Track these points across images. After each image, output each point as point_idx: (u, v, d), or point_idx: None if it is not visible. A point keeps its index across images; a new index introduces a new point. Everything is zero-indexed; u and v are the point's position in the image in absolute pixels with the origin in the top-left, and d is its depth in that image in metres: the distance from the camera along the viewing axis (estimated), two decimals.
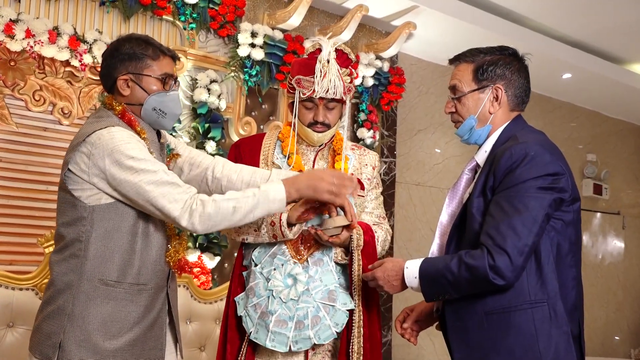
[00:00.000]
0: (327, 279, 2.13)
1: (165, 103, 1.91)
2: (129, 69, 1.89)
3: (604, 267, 6.66)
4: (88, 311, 1.78)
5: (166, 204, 1.77)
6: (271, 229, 2.08)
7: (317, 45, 2.19)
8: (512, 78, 1.90)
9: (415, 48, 4.90)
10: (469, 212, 1.82)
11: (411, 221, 5.02)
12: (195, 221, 1.78)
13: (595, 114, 6.71)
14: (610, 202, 6.78)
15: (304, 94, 2.17)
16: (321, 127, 2.21)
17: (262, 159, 2.26)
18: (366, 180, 2.31)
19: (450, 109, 1.96)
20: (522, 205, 1.69)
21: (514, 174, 1.72)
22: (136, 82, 1.89)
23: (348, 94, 2.22)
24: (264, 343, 2.07)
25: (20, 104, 3.20)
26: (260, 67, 3.93)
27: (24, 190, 3.19)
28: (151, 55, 1.90)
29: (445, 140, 5.30)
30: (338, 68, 2.18)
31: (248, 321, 2.13)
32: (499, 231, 1.69)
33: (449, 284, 1.75)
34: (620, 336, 6.73)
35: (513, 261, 1.67)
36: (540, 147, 1.76)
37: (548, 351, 1.70)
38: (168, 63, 1.94)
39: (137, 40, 1.92)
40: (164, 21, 3.67)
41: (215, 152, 3.68)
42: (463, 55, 1.96)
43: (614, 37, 5.23)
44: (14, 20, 3.05)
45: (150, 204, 1.78)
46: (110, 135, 1.78)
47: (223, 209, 1.79)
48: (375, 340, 2.17)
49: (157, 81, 1.90)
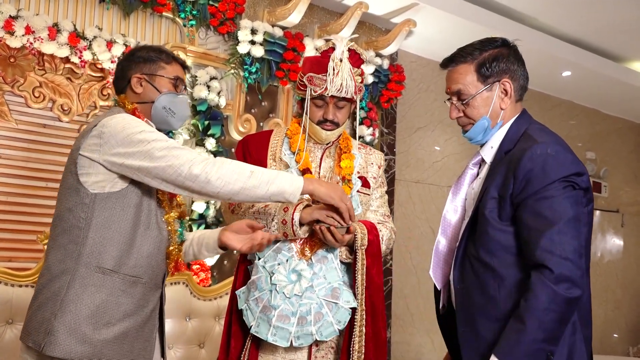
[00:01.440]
0: (331, 276, 2.13)
1: (175, 103, 2.01)
2: (143, 70, 2.00)
3: (602, 265, 6.67)
4: (81, 298, 1.79)
5: (176, 159, 1.76)
6: (282, 227, 2.10)
7: (331, 43, 2.20)
8: (515, 69, 1.85)
9: (415, 45, 4.90)
10: (480, 212, 1.78)
11: (410, 219, 5.02)
12: (209, 169, 1.76)
13: (594, 112, 6.71)
14: (609, 200, 6.79)
15: (315, 92, 2.17)
16: (330, 125, 2.22)
17: (270, 155, 2.27)
18: (372, 179, 2.32)
19: (458, 114, 1.89)
20: (562, 208, 1.65)
21: (539, 176, 1.67)
22: (149, 82, 1.99)
23: (358, 94, 2.23)
24: (265, 337, 2.08)
25: (20, 101, 3.19)
26: (260, 64, 3.92)
27: (24, 187, 3.19)
28: (164, 59, 2.03)
29: (444, 138, 5.30)
30: (350, 67, 2.19)
31: (249, 315, 2.13)
32: (553, 241, 1.62)
33: (544, 343, 1.61)
34: (618, 334, 6.74)
35: (578, 265, 1.62)
36: (560, 146, 1.72)
37: (562, 357, 1.67)
38: (179, 69, 2.06)
39: (151, 47, 2.07)
40: (163, 18, 3.66)
41: (215, 149, 3.68)
42: (457, 56, 1.88)
43: (614, 35, 5.23)
44: (14, 17, 3.04)
45: (161, 168, 1.77)
46: (122, 117, 1.86)
47: (240, 168, 1.81)
48: (379, 339, 2.18)
49: (169, 82, 2.01)
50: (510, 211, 1.73)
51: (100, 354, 1.79)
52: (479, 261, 1.77)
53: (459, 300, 1.85)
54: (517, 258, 1.73)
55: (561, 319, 1.62)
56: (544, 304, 1.60)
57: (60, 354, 1.75)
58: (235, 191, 1.80)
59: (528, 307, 1.62)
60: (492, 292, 1.74)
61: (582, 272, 1.63)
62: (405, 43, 4.70)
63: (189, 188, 1.79)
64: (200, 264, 3.58)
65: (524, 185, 1.69)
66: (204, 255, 2.15)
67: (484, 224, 1.76)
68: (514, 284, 1.71)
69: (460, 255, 1.84)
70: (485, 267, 1.76)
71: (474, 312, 1.77)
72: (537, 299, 1.61)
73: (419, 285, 4.99)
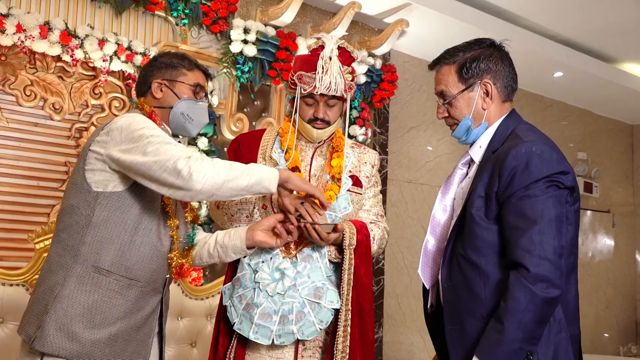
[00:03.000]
0: (315, 275, 2.13)
1: (193, 110, 2.02)
2: (165, 76, 2.02)
3: (594, 265, 6.71)
4: (75, 296, 1.79)
5: (164, 155, 1.75)
6: (264, 212, 2.14)
7: (320, 42, 2.20)
8: (497, 69, 1.86)
9: (407, 45, 4.91)
10: (467, 211, 1.79)
11: (403, 218, 5.03)
12: (193, 164, 1.74)
13: (586, 113, 6.75)
14: (601, 200, 6.82)
15: (305, 90, 2.17)
16: (321, 123, 2.22)
17: (260, 154, 2.28)
18: (364, 178, 2.32)
19: (443, 114, 1.92)
20: (544, 208, 1.65)
21: (523, 174, 1.68)
22: (169, 87, 2.01)
23: (349, 92, 2.23)
24: (247, 334, 2.08)
25: (11, 99, 3.18)
26: (253, 63, 3.92)
27: (15, 185, 3.18)
28: (186, 66, 2.04)
29: (437, 138, 5.32)
30: (340, 65, 2.19)
31: (233, 311, 2.14)
32: (532, 241, 1.63)
33: (523, 343, 1.63)
34: (609, 333, 6.78)
35: (557, 266, 1.63)
36: (546, 145, 1.73)
37: (547, 356, 1.68)
38: (201, 76, 2.08)
39: (174, 54, 2.10)
40: (156, 17, 3.65)
41: (207, 148, 3.68)
42: (441, 58, 1.91)
43: (606, 36, 5.25)
44: (5, 15, 3.03)
45: (148, 164, 1.75)
46: (132, 116, 1.88)
47: (220, 162, 1.81)
48: (366, 341, 2.17)
49: (189, 89, 2.03)
50: (496, 209, 1.74)
51: (90, 354, 1.78)
52: (466, 259, 1.78)
53: (446, 298, 1.86)
54: (502, 256, 1.74)
55: (539, 319, 1.63)
56: (522, 304, 1.61)
57: (49, 350, 1.75)
58: (219, 184, 1.77)
59: (507, 307, 1.63)
60: (477, 290, 1.75)
61: (561, 272, 1.64)
62: (398, 43, 4.71)
63: (173, 185, 1.74)
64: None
65: (508, 183, 1.70)
66: (230, 258, 2.13)
67: (471, 223, 1.77)
68: (499, 282, 1.72)
69: (449, 253, 1.85)
70: (472, 265, 1.77)
71: (461, 309, 1.78)
72: (514, 299, 1.62)
73: (411, 285, 5.00)
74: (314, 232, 2.05)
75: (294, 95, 2.23)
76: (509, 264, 1.69)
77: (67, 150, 3.31)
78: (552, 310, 1.66)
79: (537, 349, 1.66)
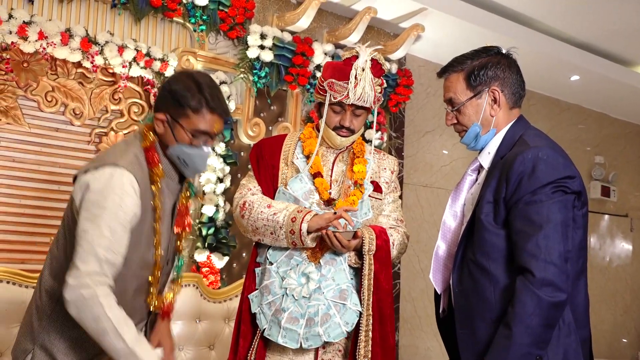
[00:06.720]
0: (340, 278, 2.15)
1: (190, 157, 1.88)
2: (170, 111, 1.86)
3: (611, 270, 6.65)
4: (63, 328, 1.83)
5: (78, 258, 1.70)
6: (290, 236, 2.12)
7: (355, 52, 2.21)
8: (505, 76, 1.88)
9: (423, 50, 4.92)
10: (477, 217, 1.81)
11: (418, 222, 5.03)
12: (71, 298, 1.68)
13: (603, 116, 6.70)
14: (618, 205, 6.77)
15: (335, 98, 2.19)
16: (346, 132, 2.24)
17: (282, 159, 2.30)
18: (384, 184, 2.34)
19: (451, 120, 1.95)
20: (550, 213, 1.67)
21: (529, 179, 1.70)
22: (170, 126, 1.86)
23: (377, 104, 2.25)
24: (276, 339, 2.11)
25: (32, 105, 3.24)
26: (269, 68, 3.95)
27: (36, 190, 3.23)
28: (193, 107, 1.83)
29: (452, 142, 5.31)
30: (372, 77, 2.20)
31: (262, 318, 2.16)
32: (538, 246, 1.65)
33: (531, 347, 1.64)
34: (627, 339, 6.72)
35: (562, 270, 1.64)
36: (552, 150, 1.75)
37: (557, 359, 1.69)
38: (208, 119, 1.86)
39: (191, 82, 1.86)
40: (174, 23, 3.70)
41: (224, 153, 3.72)
42: (450, 66, 1.95)
43: (622, 39, 5.22)
44: (27, 22, 3.09)
45: (77, 243, 1.72)
46: (110, 181, 1.76)
47: (115, 320, 1.70)
48: (387, 345, 2.18)
49: (188, 135, 1.85)
50: (504, 215, 1.76)
51: None
52: (476, 264, 1.80)
53: (457, 303, 1.88)
54: (511, 261, 1.75)
55: (547, 323, 1.65)
56: (528, 309, 1.63)
57: None
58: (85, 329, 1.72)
59: (514, 312, 1.65)
60: (487, 294, 1.77)
61: (566, 276, 1.65)
62: (413, 47, 4.72)
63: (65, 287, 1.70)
64: (209, 267, 3.61)
65: (515, 188, 1.72)
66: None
67: (480, 228, 1.79)
68: (509, 287, 1.73)
69: (459, 259, 1.87)
70: (482, 270, 1.78)
71: (471, 314, 1.80)
72: (521, 304, 1.64)
73: (426, 289, 5.00)
74: (335, 239, 2.08)
75: (321, 100, 2.24)
76: (516, 268, 1.70)
77: (87, 155, 3.36)
78: (559, 314, 1.67)
79: (547, 352, 1.67)
